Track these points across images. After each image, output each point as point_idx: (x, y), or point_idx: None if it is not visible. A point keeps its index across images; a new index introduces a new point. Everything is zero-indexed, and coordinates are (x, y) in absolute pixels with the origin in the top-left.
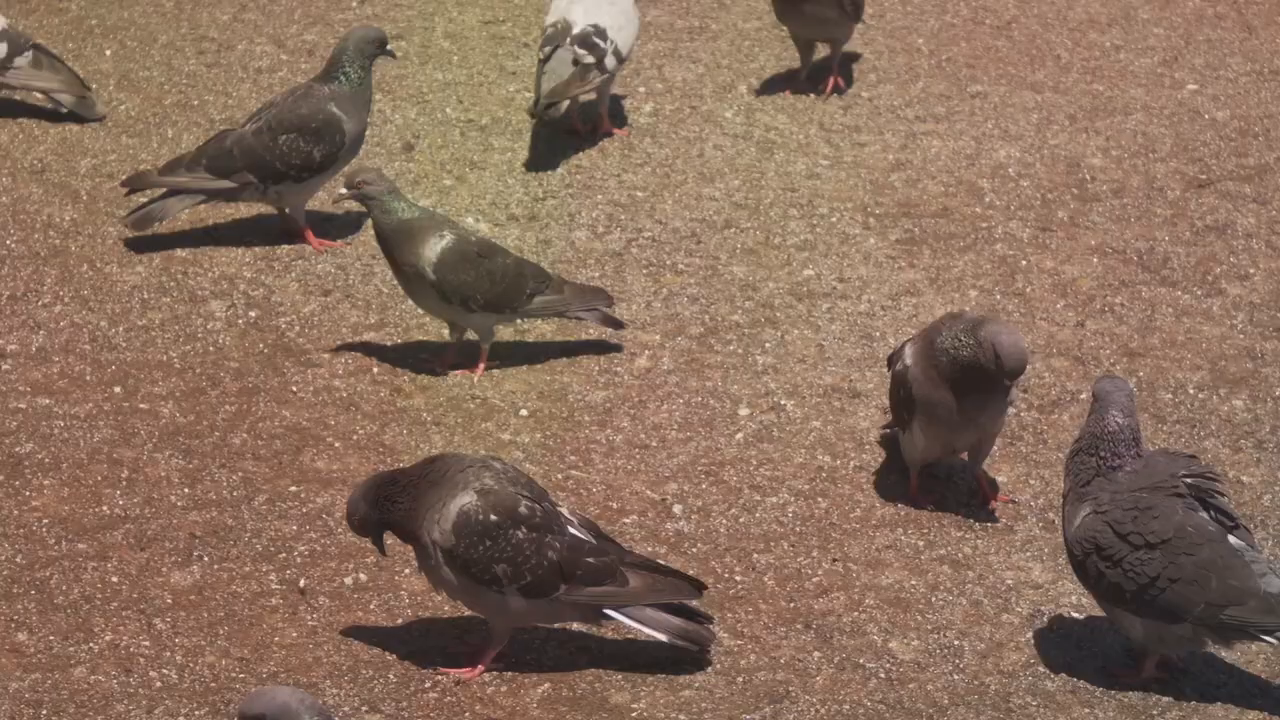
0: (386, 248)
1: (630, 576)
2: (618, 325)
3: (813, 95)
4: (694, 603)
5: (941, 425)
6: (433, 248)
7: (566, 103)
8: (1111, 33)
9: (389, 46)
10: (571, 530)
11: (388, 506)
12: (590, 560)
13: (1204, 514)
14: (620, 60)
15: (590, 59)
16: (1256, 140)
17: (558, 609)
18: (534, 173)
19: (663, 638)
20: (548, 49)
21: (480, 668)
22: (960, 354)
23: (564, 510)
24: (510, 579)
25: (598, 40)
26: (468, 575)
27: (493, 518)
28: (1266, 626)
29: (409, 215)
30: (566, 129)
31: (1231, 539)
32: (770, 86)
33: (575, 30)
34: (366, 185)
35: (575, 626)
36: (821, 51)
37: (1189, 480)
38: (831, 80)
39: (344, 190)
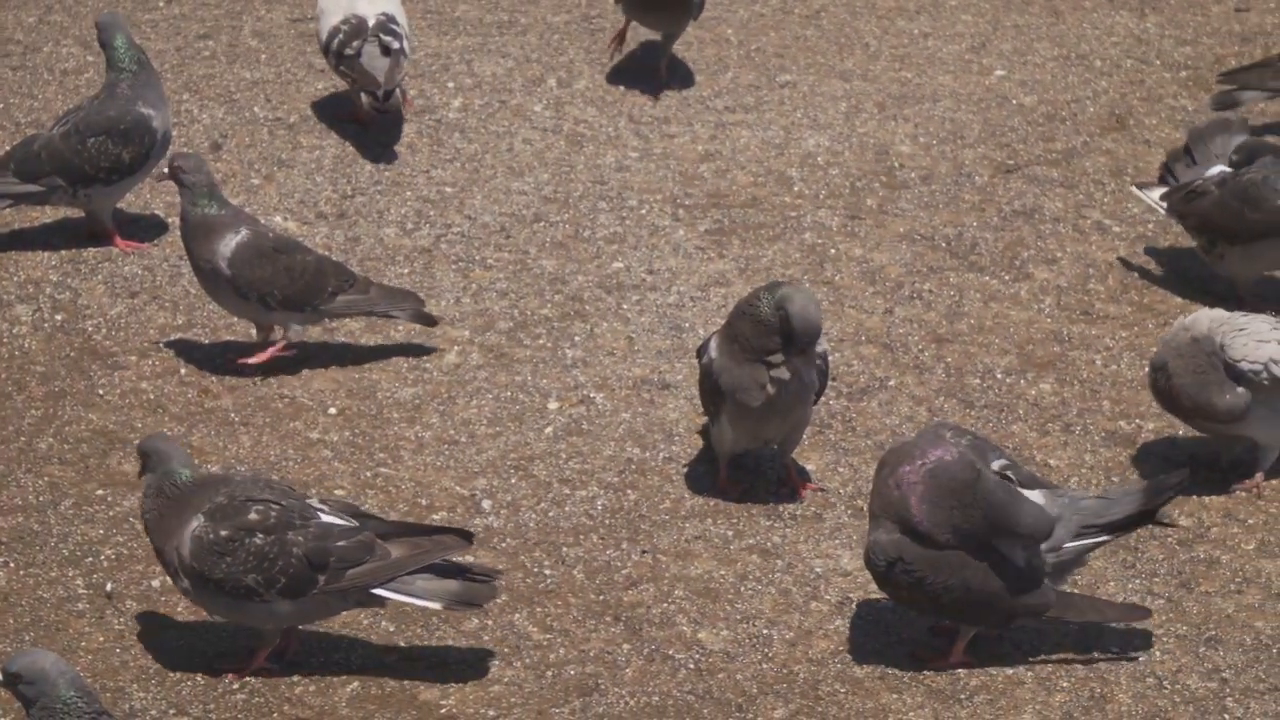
0: (186, 242)
1: (392, 548)
2: (431, 322)
3: (622, 87)
4: (469, 558)
5: (749, 413)
6: (227, 243)
7: (397, 90)
8: (919, 20)
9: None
10: (322, 518)
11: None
12: (341, 544)
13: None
14: (410, 47)
15: (396, 45)
16: (1064, 125)
17: (327, 601)
18: (342, 170)
19: (437, 606)
20: (356, 44)
21: (248, 670)
22: (757, 312)
23: (314, 501)
24: (266, 585)
25: (395, 28)
26: (224, 594)
27: (223, 533)
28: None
29: (212, 212)
30: (380, 125)
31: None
32: (579, 79)
33: (371, 22)
34: (183, 173)
35: (384, 624)
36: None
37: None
38: (664, 68)
39: (165, 169)
